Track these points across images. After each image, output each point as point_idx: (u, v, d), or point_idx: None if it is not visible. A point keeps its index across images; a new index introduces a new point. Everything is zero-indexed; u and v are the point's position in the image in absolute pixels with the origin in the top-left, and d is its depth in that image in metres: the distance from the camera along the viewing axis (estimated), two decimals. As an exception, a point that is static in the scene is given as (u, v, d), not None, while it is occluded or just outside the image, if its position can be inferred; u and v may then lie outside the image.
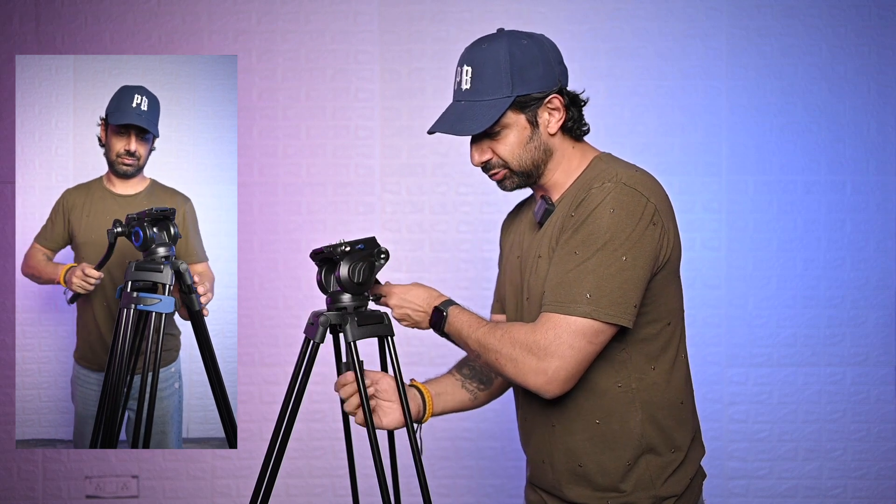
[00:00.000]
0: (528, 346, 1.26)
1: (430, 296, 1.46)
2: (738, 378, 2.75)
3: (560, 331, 1.24)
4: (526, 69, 1.34)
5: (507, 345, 1.28)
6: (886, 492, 2.75)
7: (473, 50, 1.38)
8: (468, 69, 1.36)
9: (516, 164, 1.38)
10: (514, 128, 1.36)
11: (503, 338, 1.30)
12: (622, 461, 1.35)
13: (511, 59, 1.33)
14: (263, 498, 1.47)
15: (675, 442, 1.38)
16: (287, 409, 1.45)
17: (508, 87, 1.33)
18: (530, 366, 1.26)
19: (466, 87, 1.37)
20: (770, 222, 2.74)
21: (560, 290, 1.26)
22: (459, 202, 2.77)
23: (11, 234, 2.72)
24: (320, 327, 1.42)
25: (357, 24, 2.77)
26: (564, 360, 1.24)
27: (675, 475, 1.37)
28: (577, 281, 1.24)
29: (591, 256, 1.25)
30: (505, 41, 1.35)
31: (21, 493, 2.79)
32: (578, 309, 1.23)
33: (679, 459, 1.38)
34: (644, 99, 2.74)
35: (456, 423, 2.77)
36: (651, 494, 1.35)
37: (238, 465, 2.80)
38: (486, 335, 1.33)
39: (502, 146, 1.37)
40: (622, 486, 1.35)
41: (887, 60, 2.72)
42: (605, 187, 1.28)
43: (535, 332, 1.26)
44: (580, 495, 1.38)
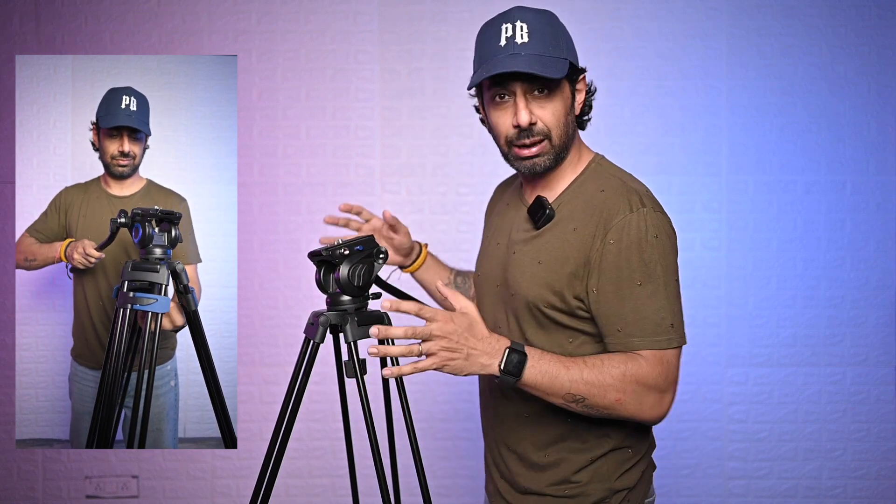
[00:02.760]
0: (654, 385, 1.28)
1: (489, 332, 1.26)
2: (738, 378, 2.75)
3: (670, 366, 1.30)
4: (570, 40, 1.36)
5: (632, 385, 1.27)
6: (886, 492, 2.75)
7: (523, 10, 1.32)
8: (523, 25, 1.31)
9: (557, 134, 1.34)
10: (561, 95, 1.34)
11: (625, 378, 1.27)
12: (585, 456, 1.39)
13: (560, 27, 1.34)
14: (263, 498, 1.46)
15: (636, 437, 1.42)
16: (287, 409, 1.45)
17: (563, 51, 1.33)
18: (651, 402, 1.29)
19: (524, 41, 1.29)
20: (770, 222, 2.74)
21: (647, 324, 1.29)
22: (459, 202, 2.77)
23: (11, 233, 2.72)
24: (320, 327, 1.41)
25: (357, 24, 2.77)
26: (675, 387, 1.32)
27: (631, 471, 1.41)
28: (656, 312, 1.29)
29: (656, 285, 1.29)
30: (545, 11, 1.35)
31: (21, 493, 2.79)
32: (672, 342, 1.29)
33: (636, 457, 1.42)
34: (644, 99, 2.74)
35: (456, 424, 2.77)
36: (606, 487, 1.38)
37: (238, 465, 2.80)
38: (596, 377, 1.26)
39: (549, 112, 1.32)
40: (579, 478, 1.38)
41: (887, 60, 2.72)
42: (642, 213, 1.30)
43: (652, 370, 1.28)
44: (537, 483, 1.41)
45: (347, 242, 1.40)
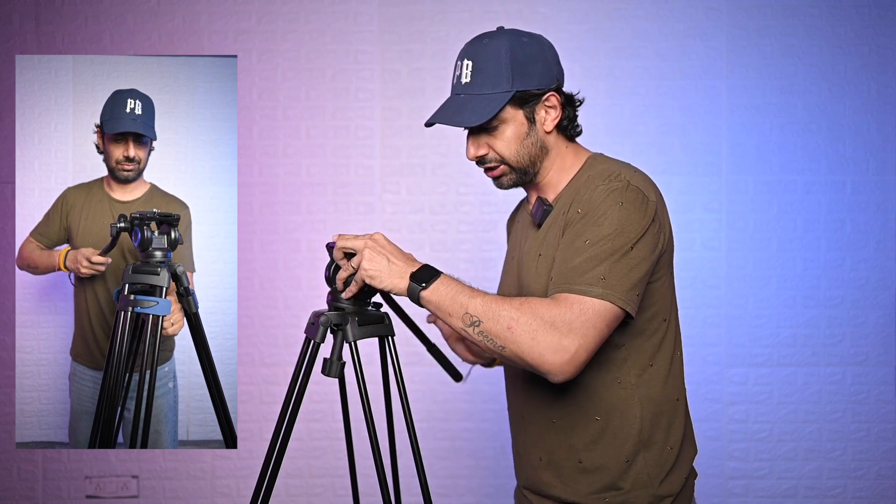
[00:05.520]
0: (552, 320, 1.20)
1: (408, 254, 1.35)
2: (738, 378, 2.75)
3: (584, 310, 1.21)
4: (526, 65, 1.35)
5: (527, 315, 1.20)
6: (886, 492, 2.75)
7: (474, 45, 1.37)
8: (468, 63, 1.36)
9: (514, 159, 1.38)
10: (511, 123, 1.37)
11: (521, 308, 1.21)
12: (621, 458, 1.36)
13: (512, 55, 1.34)
14: (263, 498, 1.46)
15: (669, 439, 1.39)
16: (287, 409, 1.45)
17: (508, 82, 1.34)
18: (551, 342, 1.19)
19: (466, 81, 1.36)
20: (770, 222, 2.74)
21: (574, 273, 1.25)
22: (459, 202, 2.77)
23: (11, 234, 2.72)
24: (321, 327, 1.41)
25: (357, 24, 2.77)
26: (587, 339, 1.21)
27: (672, 474, 1.38)
28: (591, 266, 1.24)
29: (603, 245, 1.25)
30: (506, 38, 1.36)
31: (21, 493, 2.79)
32: (596, 291, 1.22)
33: (674, 457, 1.39)
34: (644, 99, 2.74)
35: (456, 424, 2.77)
36: (650, 493, 1.36)
37: (238, 465, 2.80)
38: (494, 302, 1.23)
39: (500, 141, 1.37)
40: (620, 484, 1.36)
41: (887, 60, 2.72)
42: (612, 185, 1.30)
43: (557, 307, 1.21)
44: (577, 493, 1.38)
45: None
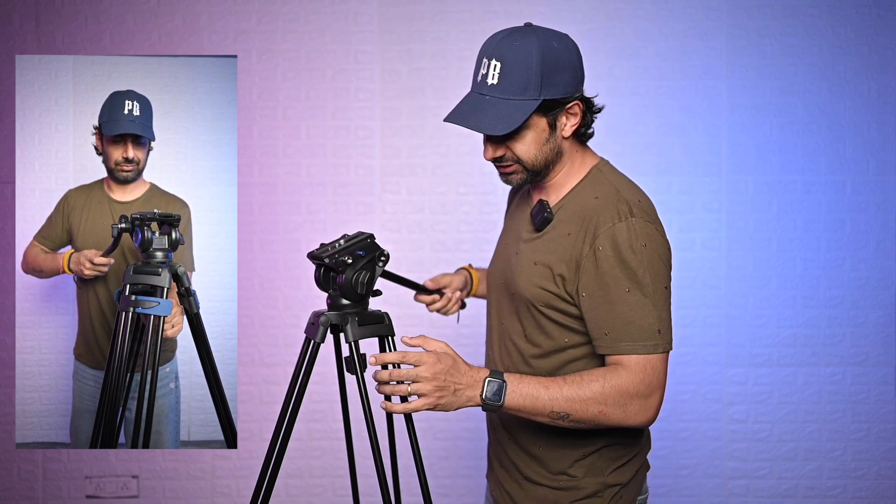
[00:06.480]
0: (635, 392, 1.31)
1: (469, 366, 1.33)
2: (738, 378, 2.75)
3: (654, 367, 1.32)
4: (555, 73, 1.33)
5: (613, 394, 1.31)
6: (886, 492, 2.75)
7: (504, 45, 1.33)
8: (497, 64, 1.33)
9: (531, 163, 1.39)
10: (534, 129, 1.36)
11: (605, 388, 1.30)
12: (580, 452, 1.44)
13: (542, 61, 1.32)
14: (263, 498, 1.46)
15: (630, 438, 1.46)
16: (287, 409, 1.45)
17: (537, 90, 1.32)
18: (639, 408, 1.32)
19: (493, 83, 1.33)
20: (770, 222, 2.74)
21: (634, 329, 1.32)
22: (459, 202, 2.77)
23: (11, 233, 2.72)
24: (321, 327, 1.41)
25: (357, 24, 2.77)
26: (662, 388, 1.34)
27: (624, 466, 1.46)
28: (644, 318, 1.32)
29: (644, 292, 1.32)
30: (536, 41, 1.32)
31: (21, 493, 2.79)
32: (658, 347, 1.32)
33: (631, 454, 1.47)
34: (644, 99, 2.74)
35: (456, 424, 2.77)
36: (599, 481, 1.43)
37: (238, 465, 2.80)
38: (575, 392, 1.31)
39: (520, 145, 1.37)
40: (572, 472, 1.44)
41: (887, 60, 2.72)
42: (629, 222, 1.33)
43: (635, 377, 1.31)
44: (536, 473, 1.47)
45: (348, 247, 1.39)
